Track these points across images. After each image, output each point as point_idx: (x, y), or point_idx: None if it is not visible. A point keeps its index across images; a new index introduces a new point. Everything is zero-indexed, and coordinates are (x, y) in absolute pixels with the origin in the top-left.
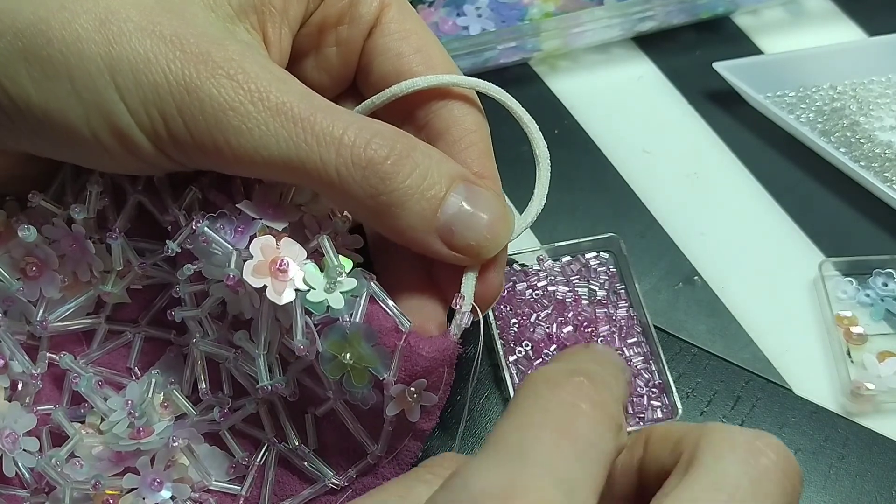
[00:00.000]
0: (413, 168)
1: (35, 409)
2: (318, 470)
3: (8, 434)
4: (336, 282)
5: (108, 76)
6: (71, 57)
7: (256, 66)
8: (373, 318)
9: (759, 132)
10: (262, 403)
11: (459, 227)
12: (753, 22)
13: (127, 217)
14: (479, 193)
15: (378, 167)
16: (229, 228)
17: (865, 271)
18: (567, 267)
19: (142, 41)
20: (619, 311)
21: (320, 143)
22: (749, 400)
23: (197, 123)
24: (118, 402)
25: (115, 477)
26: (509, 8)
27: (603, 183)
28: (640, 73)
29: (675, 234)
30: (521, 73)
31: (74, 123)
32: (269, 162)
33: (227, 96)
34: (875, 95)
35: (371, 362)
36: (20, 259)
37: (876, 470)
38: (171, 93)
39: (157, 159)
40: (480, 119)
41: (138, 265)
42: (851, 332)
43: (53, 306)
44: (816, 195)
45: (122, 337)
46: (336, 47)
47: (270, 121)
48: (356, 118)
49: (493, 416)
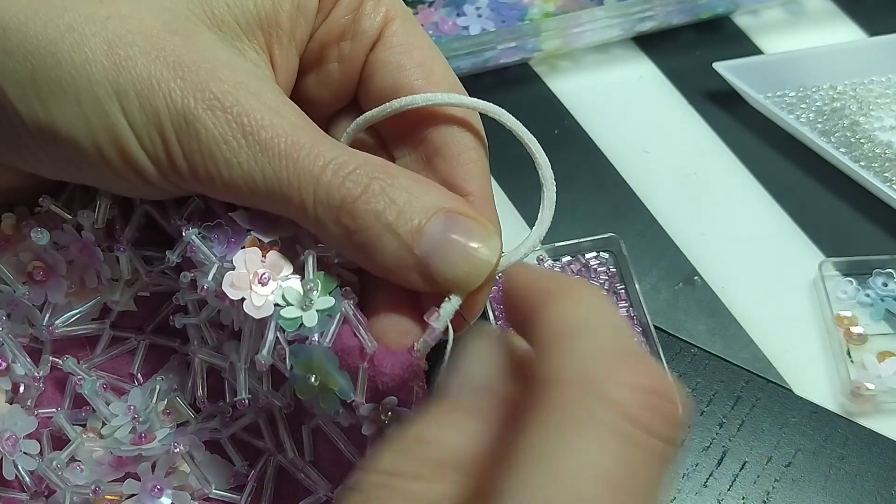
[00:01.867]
0: (387, 205)
1: (36, 413)
2: (313, 482)
3: (8, 437)
4: (313, 300)
5: (115, 101)
6: (80, 80)
7: (252, 98)
8: (344, 337)
9: (759, 132)
10: (262, 413)
11: (436, 263)
12: (753, 22)
13: (134, 227)
14: (460, 223)
15: (350, 206)
16: (223, 239)
17: (865, 271)
18: (567, 267)
19: (147, 66)
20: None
21: (301, 182)
22: (749, 400)
23: (193, 153)
24: (120, 407)
25: (115, 482)
26: (509, 8)
27: (603, 183)
28: (640, 73)
29: (675, 234)
30: (521, 73)
31: (82, 143)
32: (255, 193)
33: (221, 130)
34: (875, 95)
35: (335, 385)
36: (28, 263)
37: (876, 470)
38: (172, 120)
39: (160, 182)
40: (479, 138)
41: (146, 274)
42: (851, 332)
43: (59, 311)
44: (816, 195)
45: (127, 343)
46: (338, 63)
47: (259, 156)
48: (337, 152)
49: None
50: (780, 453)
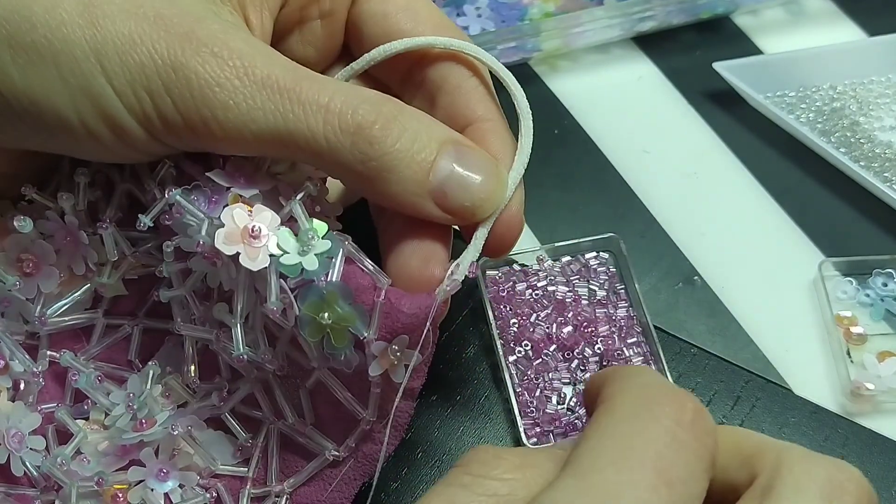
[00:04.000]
0: (402, 131)
1: (39, 408)
2: (318, 443)
3: (14, 434)
4: (310, 245)
5: (93, 60)
6: (56, 42)
7: (240, 41)
8: (350, 277)
9: (759, 132)
10: (257, 383)
11: (453, 189)
12: (753, 22)
13: (116, 207)
14: (470, 154)
15: (366, 132)
16: (203, 199)
17: (865, 271)
18: (567, 267)
19: (126, 22)
20: (619, 311)
21: (307, 112)
22: (749, 400)
23: (185, 102)
24: (121, 396)
25: (119, 471)
26: (509, 8)
27: (603, 183)
28: (640, 73)
29: (675, 234)
30: (521, 73)
31: (62, 110)
32: (258, 136)
33: (213, 73)
34: (875, 95)
35: (350, 321)
36: (16, 257)
37: (876, 470)
38: (158, 72)
39: (148, 144)
40: (474, 67)
41: (131, 254)
42: (851, 332)
43: (50, 302)
44: (816, 195)
45: (121, 330)
46: (320, 20)
47: (257, 94)
48: (342, 86)
49: (493, 415)
50: None
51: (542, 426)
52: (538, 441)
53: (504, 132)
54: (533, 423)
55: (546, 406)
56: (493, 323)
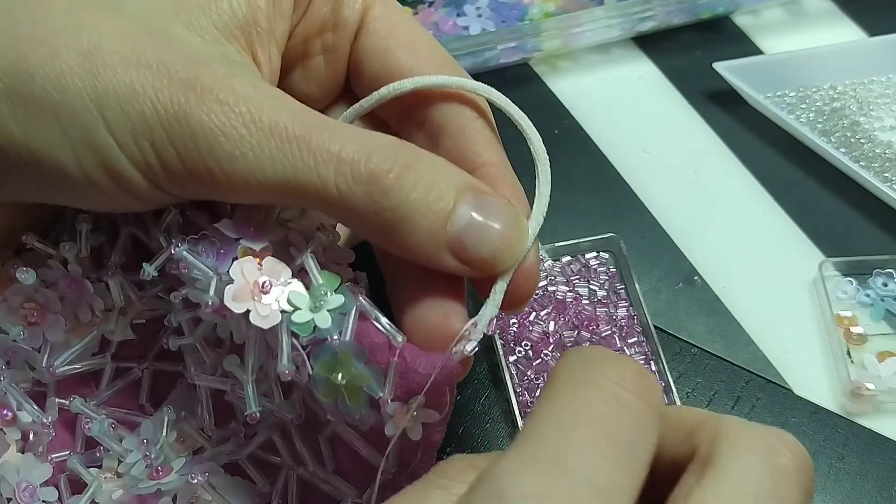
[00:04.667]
0: (418, 180)
1: (50, 458)
2: (339, 489)
3: (25, 487)
4: (322, 300)
5: (95, 111)
6: (55, 94)
7: (247, 86)
8: (363, 335)
9: (759, 132)
10: (275, 429)
11: (471, 240)
12: (753, 22)
13: (121, 252)
14: (490, 202)
15: (381, 181)
16: (211, 251)
17: (865, 271)
18: (567, 267)
19: (127, 72)
20: (619, 311)
21: (317, 161)
22: (749, 400)
23: (189, 152)
24: (133, 442)
25: None
26: (509, 8)
27: (603, 183)
28: (640, 73)
29: (675, 234)
30: (521, 73)
31: (63, 163)
32: (266, 185)
33: (219, 121)
34: (875, 95)
35: (364, 381)
36: (19, 307)
37: (876, 470)
38: (161, 122)
39: (151, 194)
40: (479, 107)
41: (138, 300)
42: (851, 332)
43: (58, 350)
44: (816, 195)
45: (131, 374)
46: (323, 56)
47: (265, 143)
48: (354, 132)
49: (494, 415)
50: None
51: None
52: None
53: (512, 178)
54: None
55: None
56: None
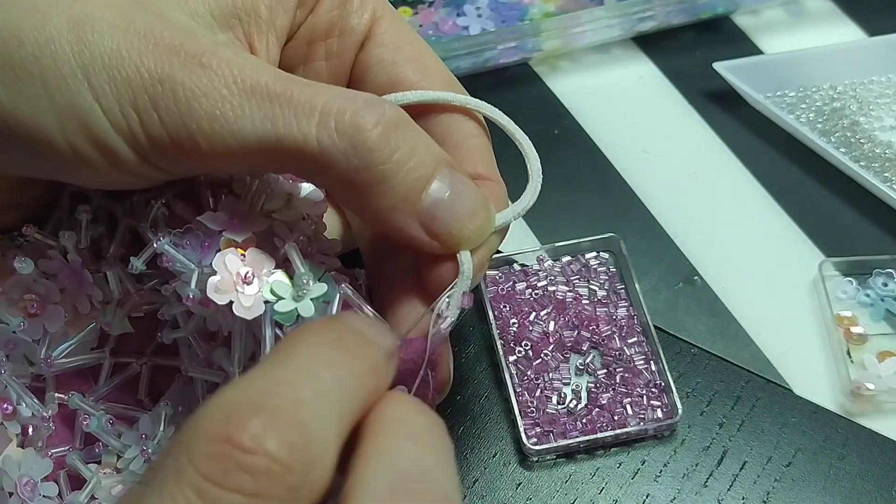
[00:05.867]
0: (401, 142)
1: (49, 453)
2: None
3: (26, 482)
4: (305, 289)
5: (81, 76)
6: (43, 59)
7: (230, 53)
8: None
9: (759, 132)
10: None
11: (442, 214)
12: (753, 22)
13: (120, 244)
14: (463, 182)
15: (366, 135)
16: (195, 244)
17: (865, 271)
18: (567, 267)
19: (114, 37)
20: (619, 311)
21: (299, 116)
22: (749, 400)
23: (171, 116)
24: (132, 437)
25: None
26: (509, 8)
27: (603, 183)
28: (640, 73)
29: (675, 234)
30: (521, 73)
31: (48, 131)
32: (246, 146)
33: (200, 83)
34: (875, 95)
35: None
36: (18, 298)
37: (876, 470)
38: (145, 87)
39: (138, 167)
40: (480, 123)
41: (136, 292)
42: (851, 332)
43: (56, 343)
44: (816, 195)
45: (129, 369)
46: (326, 61)
47: (245, 102)
48: (339, 89)
49: (494, 415)
50: (780, 453)
51: (542, 426)
52: (538, 441)
53: (504, 196)
54: (533, 423)
55: (546, 406)
56: (493, 323)
